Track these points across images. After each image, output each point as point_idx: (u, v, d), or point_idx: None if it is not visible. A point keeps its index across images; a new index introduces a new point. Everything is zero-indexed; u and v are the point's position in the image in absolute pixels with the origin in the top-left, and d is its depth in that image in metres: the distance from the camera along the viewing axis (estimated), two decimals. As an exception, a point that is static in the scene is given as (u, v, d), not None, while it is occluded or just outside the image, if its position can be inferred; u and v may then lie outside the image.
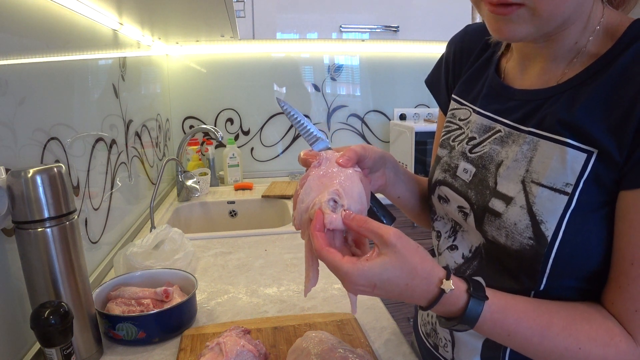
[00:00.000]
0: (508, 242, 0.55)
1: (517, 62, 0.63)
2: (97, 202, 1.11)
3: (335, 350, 0.65)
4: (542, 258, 0.51)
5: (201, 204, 1.84)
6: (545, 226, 0.51)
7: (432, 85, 0.81)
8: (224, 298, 0.98)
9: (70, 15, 1.00)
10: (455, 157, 0.67)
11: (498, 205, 0.57)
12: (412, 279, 0.47)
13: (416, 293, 0.48)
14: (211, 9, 1.21)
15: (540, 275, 0.52)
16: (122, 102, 1.37)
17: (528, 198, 0.53)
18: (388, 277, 0.47)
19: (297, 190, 0.56)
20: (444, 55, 0.77)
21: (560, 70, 0.56)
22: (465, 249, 0.65)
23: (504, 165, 0.58)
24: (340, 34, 1.95)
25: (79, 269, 0.71)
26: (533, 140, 0.55)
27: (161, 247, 1.07)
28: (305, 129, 0.65)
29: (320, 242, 0.49)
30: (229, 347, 0.67)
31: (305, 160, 0.59)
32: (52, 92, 0.89)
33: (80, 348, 0.72)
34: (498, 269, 0.59)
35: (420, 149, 1.99)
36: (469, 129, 0.66)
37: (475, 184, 0.61)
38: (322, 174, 0.55)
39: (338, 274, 0.48)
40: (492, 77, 0.66)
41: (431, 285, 0.48)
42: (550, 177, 0.52)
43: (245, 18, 1.85)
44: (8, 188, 0.64)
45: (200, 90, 2.19)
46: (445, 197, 0.67)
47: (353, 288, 0.48)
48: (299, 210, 0.54)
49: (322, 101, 2.31)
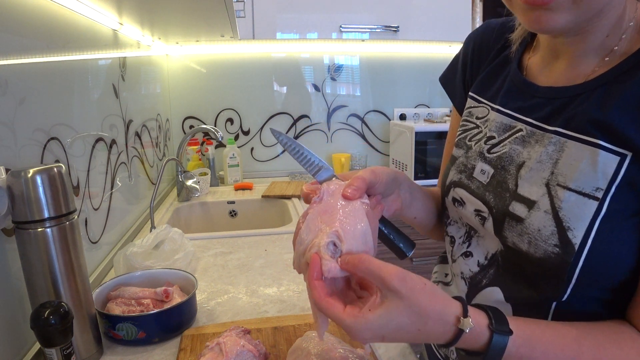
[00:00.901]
0: (531, 249, 0.51)
1: (542, 57, 0.59)
2: (97, 202, 1.11)
3: (335, 350, 0.65)
4: (569, 267, 0.48)
5: (201, 204, 1.84)
6: (572, 233, 0.48)
7: (447, 83, 0.77)
8: (224, 298, 0.98)
9: (70, 15, 1.00)
10: (472, 158, 0.63)
11: (520, 210, 0.53)
12: (424, 324, 0.44)
13: (432, 336, 0.45)
14: (211, 9, 1.21)
15: (564, 285, 0.49)
16: (122, 102, 1.37)
17: (553, 202, 0.50)
18: (396, 327, 0.43)
19: (297, 228, 0.51)
20: (461, 52, 0.74)
21: (589, 67, 0.53)
22: (480, 256, 0.61)
23: (526, 166, 0.54)
24: (340, 34, 1.95)
25: (79, 269, 0.71)
26: (559, 140, 0.51)
27: (161, 247, 1.07)
28: (306, 159, 0.58)
29: (318, 293, 0.45)
30: (229, 347, 0.67)
31: (306, 195, 0.54)
32: (52, 92, 0.89)
33: (80, 348, 0.72)
34: (517, 278, 0.55)
35: (420, 149, 1.99)
36: (487, 128, 0.63)
37: (494, 186, 0.58)
38: (322, 210, 0.50)
39: (341, 327, 0.44)
40: (514, 73, 0.62)
41: (447, 326, 0.44)
42: (578, 181, 0.48)
43: (245, 18, 1.85)
44: (8, 188, 0.64)
45: (200, 90, 2.19)
46: (461, 200, 0.64)
47: (359, 340, 0.44)
48: (298, 253, 0.50)
49: (322, 101, 2.31)
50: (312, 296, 0.46)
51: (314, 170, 0.57)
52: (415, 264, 1.92)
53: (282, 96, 2.27)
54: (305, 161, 0.58)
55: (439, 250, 0.55)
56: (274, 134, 0.60)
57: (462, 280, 0.64)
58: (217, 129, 1.66)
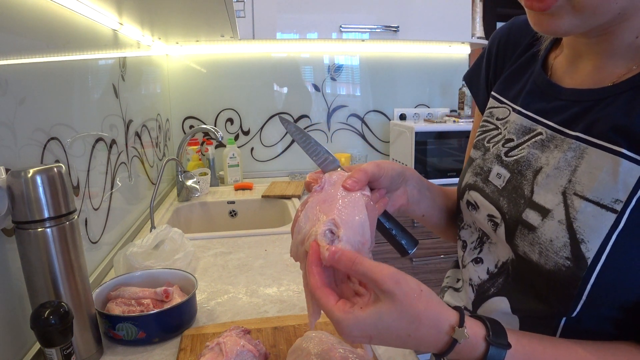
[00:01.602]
0: (541, 260, 0.49)
1: (568, 58, 0.56)
2: (97, 202, 1.11)
3: (335, 350, 0.65)
4: (580, 282, 0.45)
5: (201, 204, 1.84)
6: (586, 246, 0.45)
7: (472, 81, 0.73)
8: (224, 298, 0.98)
9: (70, 15, 1.00)
10: (488, 160, 0.61)
11: (533, 218, 0.51)
12: (416, 330, 0.42)
13: (423, 343, 0.43)
14: (211, 9, 1.21)
15: (574, 301, 0.46)
16: (122, 102, 1.37)
17: (568, 212, 0.47)
18: (386, 328, 0.42)
19: (296, 216, 0.51)
20: (486, 49, 0.70)
21: (617, 69, 0.49)
22: (490, 264, 0.59)
23: (543, 172, 0.51)
24: (340, 34, 1.95)
25: (78, 269, 0.71)
26: (580, 146, 0.48)
27: (161, 247, 1.07)
28: (313, 149, 0.59)
29: (315, 281, 0.45)
30: (229, 347, 0.67)
31: (308, 183, 0.54)
32: (52, 92, 0.89)
33: (80, 348, 0.72)
34: (526, 290, 0.53)
35: (420, 149, 1.99)
36: (507, 130, 0.60)
37: (509, 191, 0.55)
38: (322, 199, 0.50)
39: (330, 319, 0.43)
40: (537, 73, 0.59)
41: (441, 334, 0.43)
42: (597, 191, 0.45)
43: (245, 18, 1.85)
44: (8, 188, 0.64)
45: (200, 90, 2.19)
46: (475, 204, 0.61)
47: (346, 337, 0.43)
48: (295, 241, 0.50)
49: (322, 101, 2.31)
50: (309, 283, 0.45)
51: (320, 160, 0.58)
52: (415, 264, 1.92)
53: (282, 96, 2.27)
54: (312, 151, 0.59)
55: (439, 251, 0.54)
56: (283, 123, 0.60)
57: (470, 287, 0.62)
58: (217, 129, 1.66)
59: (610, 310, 0.47)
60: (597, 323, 0.48)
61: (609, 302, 0.46)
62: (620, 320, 0.47)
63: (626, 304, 0.45)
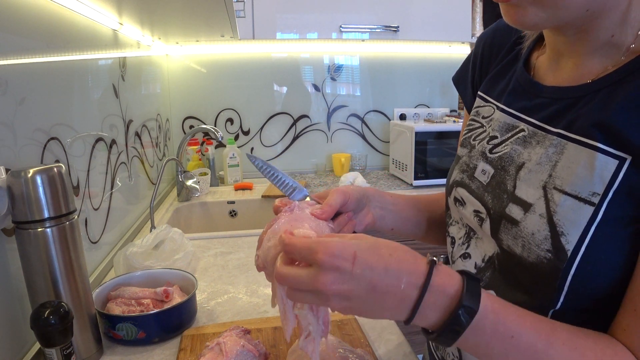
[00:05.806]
0: (524, 254, 0.50)
1: (549, 57, 0.58)
2: (97, 202, 1.11)
3: (335, 350, 0.65)
4: (560, 274, 0.46)
5: (201, 204, 1.84)
6: (566, 239, 0.46)
7: (459, 82, 0.76)
8: (224, 298, 0.98)
9: (70, 15, 1.00)
10: (474, 157, 0.63)
11: (516, 212, 0.52)
12: (395, 249, 0.44)
13: (403, 264, 0.43)
14: (211, 9, 1.21)
15: (557, 293, 0.47)
16: (122, 102, 1.37)
17: (549, 206, 0.49)
18: (367, 246, 0.44)
19: (263, 232, 0.54)
20: (472, 51, 0.73)
21: (595, 67, 0.51)
22: (478, 258, 0.60)
23: (526, 168, 0.53)
24: (340, 34, 1.95)
25: (78, 269, 0.71)
26: (560, 142, 0.50)
27: (161, 247, 1.07)
28: (281, 181, 0.63)
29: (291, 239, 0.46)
30: (229, 347, 0.67)
31: (277, 207, 0.58)
32: (52, 92, 0.89)
33: (80, 348, 0.72)
34: (512, 283, 0.54)
35: (420, 149, 1.99)
36: (491, 127, 0.62)
37: (493, 187, 0.57)
38: (293, 217, 0.53)
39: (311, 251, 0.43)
40: (519, 72, 0.61)
41: (418, 258, 0.45)
42: (575, 185, 0.47)
43: (245, 18, 1.85)
44: (8, 188, 0.64)
45: (200, 90, 2.19)
46: (462, 200, 0.63)
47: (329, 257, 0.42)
48: (265, 247, 0.51)
49: (322, 101, 2.31)
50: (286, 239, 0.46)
51: (289, 191, 0.63)
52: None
53: (282, 96, 2.27)
54: (280, 183, 0.63)
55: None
56: (249, 158, 0.65)
57: None
58: (217, 129, 1.66)
59: (590, 303, 0.48)
60: (580, 315, 0.48)
61: (590, 294, 0.47)
62: (602, 314, 0.48)
63: (602, 295, 0.46)
